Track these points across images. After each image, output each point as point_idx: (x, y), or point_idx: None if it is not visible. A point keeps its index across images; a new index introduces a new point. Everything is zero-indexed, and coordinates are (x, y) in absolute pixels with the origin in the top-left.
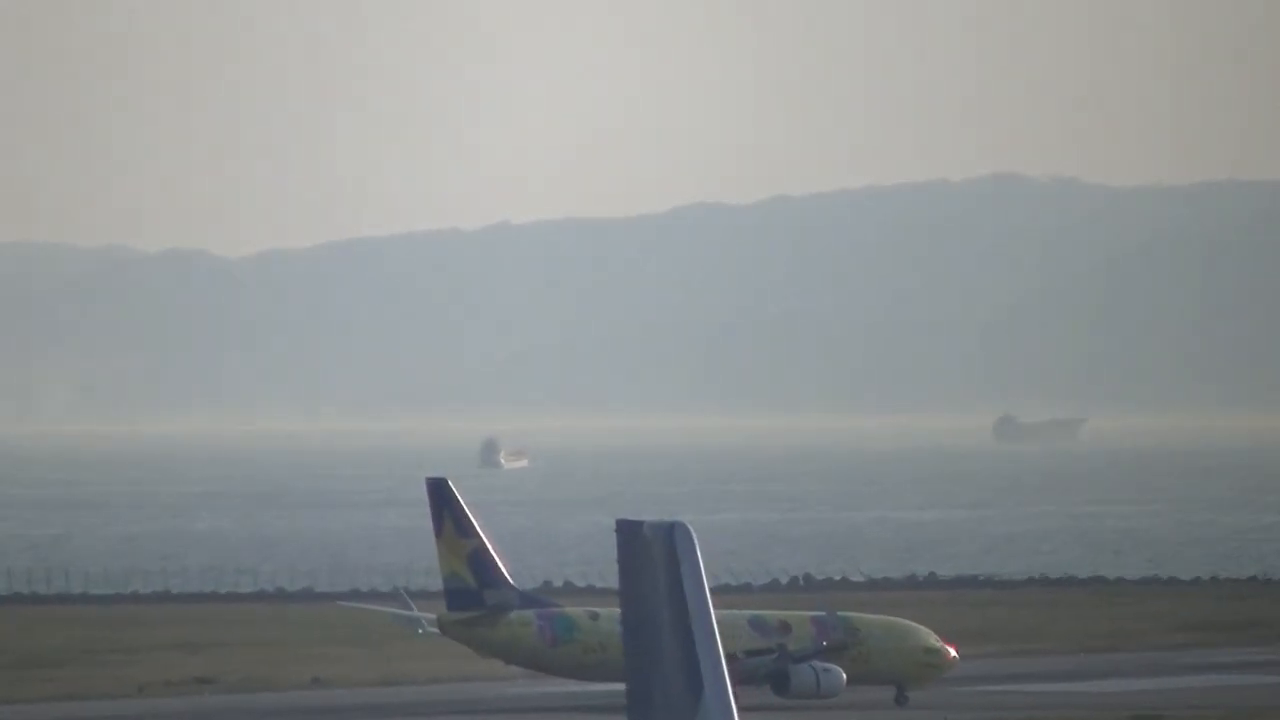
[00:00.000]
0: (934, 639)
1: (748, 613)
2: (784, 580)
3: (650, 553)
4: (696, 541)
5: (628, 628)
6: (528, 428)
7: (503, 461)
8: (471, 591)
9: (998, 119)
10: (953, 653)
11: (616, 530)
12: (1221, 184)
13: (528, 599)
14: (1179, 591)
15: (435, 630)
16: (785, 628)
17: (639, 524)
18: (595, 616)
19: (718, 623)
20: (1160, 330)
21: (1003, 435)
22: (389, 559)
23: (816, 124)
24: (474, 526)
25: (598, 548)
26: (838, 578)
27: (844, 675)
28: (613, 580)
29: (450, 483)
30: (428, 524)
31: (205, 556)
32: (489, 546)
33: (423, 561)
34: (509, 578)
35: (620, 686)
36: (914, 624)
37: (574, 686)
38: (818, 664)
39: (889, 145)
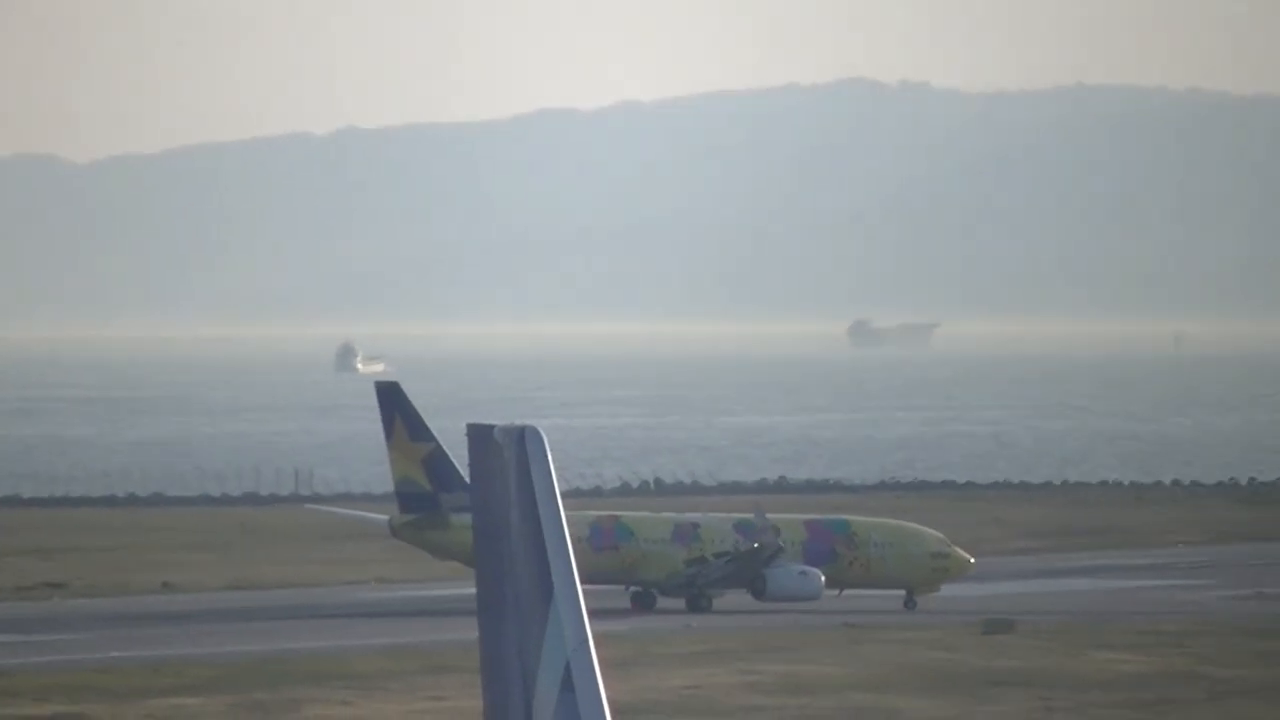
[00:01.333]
0: (943, 544)
1: (735, 516)
2: (635, 484)
3: (501, 456)
4: (547, 445)
5: (478, 532)
6: (385, 333)
7: (359, 366)
8: (426, 495)
9: (849, 24)
10: (966, 557)
11: (468, 434)
12: (1071, 89)
13: None
14: (1030, 496)
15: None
16: (774, 531)
17: (490, 428)
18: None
19: (705, 526)
20: (1011, 236)
21: (857, 340)
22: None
23: (666, 29)
24: (428, 431)
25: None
26: (688, 481)
27: (822, 578)
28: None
29: (401, 386)
30: (272, 427)
31: (58, 462)
32: (444, 451)
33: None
34: (465, 480)
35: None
36: (921, 528)
37: (424, 591)
38: (796, 567)
39: (740, 50)
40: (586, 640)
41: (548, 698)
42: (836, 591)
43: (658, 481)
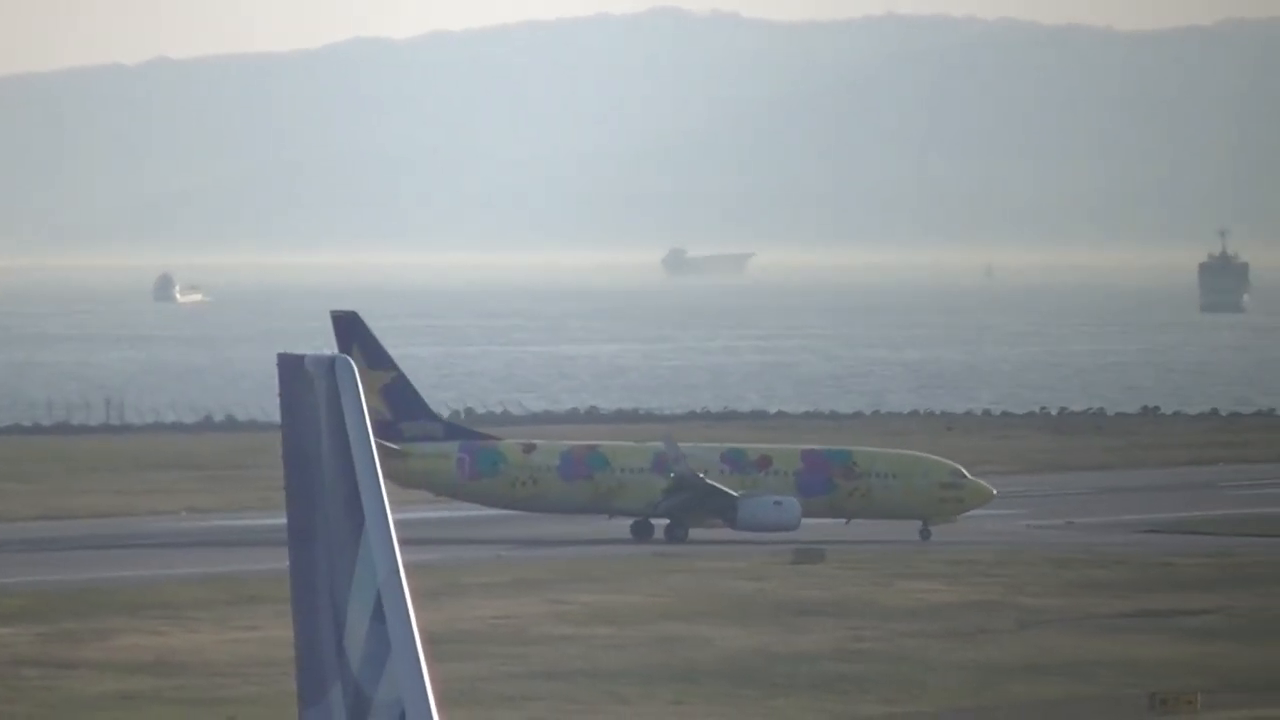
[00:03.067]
0: (956, 475)
1: (724, 446)
2: (445, 413)
3: (312, 387)
4: (358, 375)
5: (289, 462)
6: (204, 263)
7: (178, 296)
8: (386, 424)
9: None
10: (985, 487)
11: (278, 364)
12: (882, 19)
13: (455, 430)
14: (840, 426)
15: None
16: (765, 461)
17: (300, 358)
18: (530, 449)
19: (691, 454)
20: (823, 165)
21: (672, 269)
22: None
23: None
24: (389, 359)
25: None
26: (499, 410)
27: (799, 508)
28: (276, 414)
29: (360, 315)
30: (87, 357)
31: None
32: (406, 379)
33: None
34: (432, 410)
35: (550, 515)
36: (932, 458)
37: (235, 520)
38: (770, 497)
39: None
40: (397, 570)
41: (359, 627)
42: (844, 521)
43: (468, 411)
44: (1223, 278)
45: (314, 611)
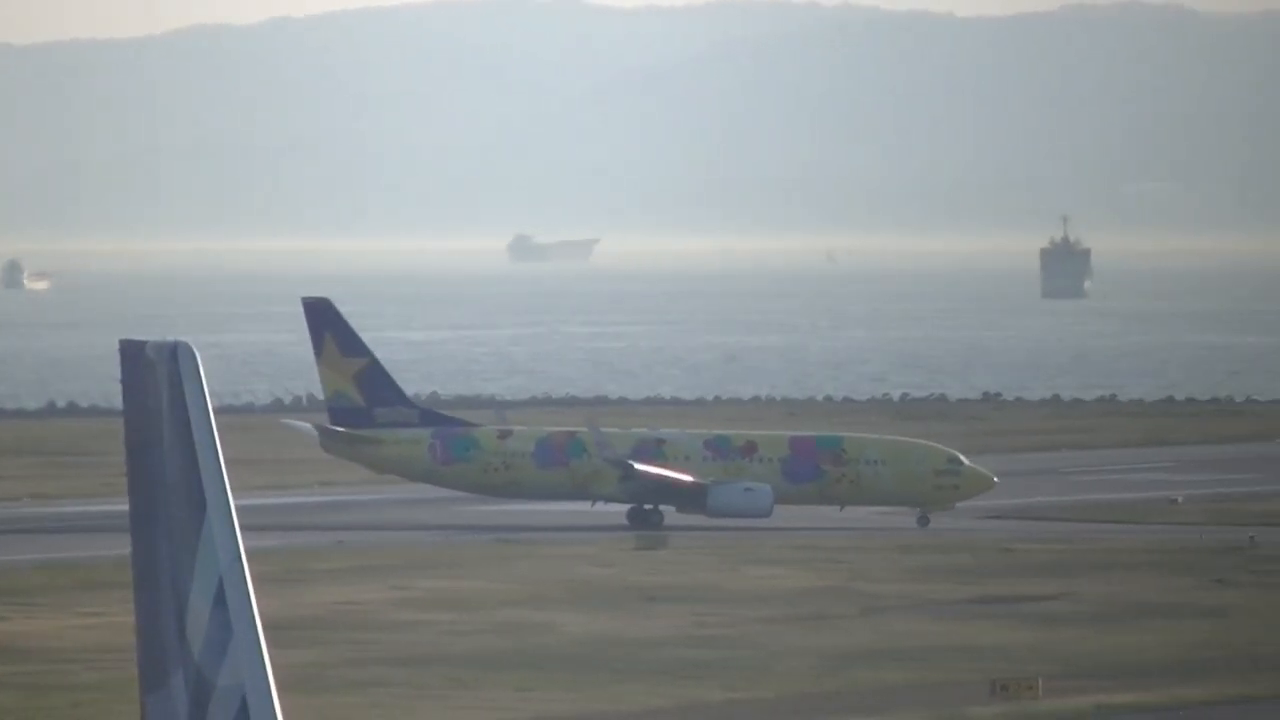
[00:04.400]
0: (953, 461)
1: (708, 432)
2: (287, 400)
3: (154, 373)
4: (200, 361)
5: (130, 449)
6: (51, 250)
7: (25, 283)
8: (359, 410)
9: None
10: (984, 474)
11: (120, 350)
12: (723, 5)
13: (430, 416)
14: (683, 412)
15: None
16: (751, 448)
17: (142, 344)
18: (506, 435)
19: (670, 442)
20: (666, 151)
21: (518, 255)
22: None
23: None
24: (362, 345)
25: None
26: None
27: (770, 495)
28: (120, 400)
29: (333, 302)
30: None
31: None
32: (380, 366)
33: None
34: (405, 395)
35: (529, 505)
36: (929, 445)
37: (79, 506)
38: (741, 483)
39: None
40: (239, 556)
41: (200, 613)
42: (838, 508)
43: (310, 398)
44: (1065, 264)
45: (156, 597)
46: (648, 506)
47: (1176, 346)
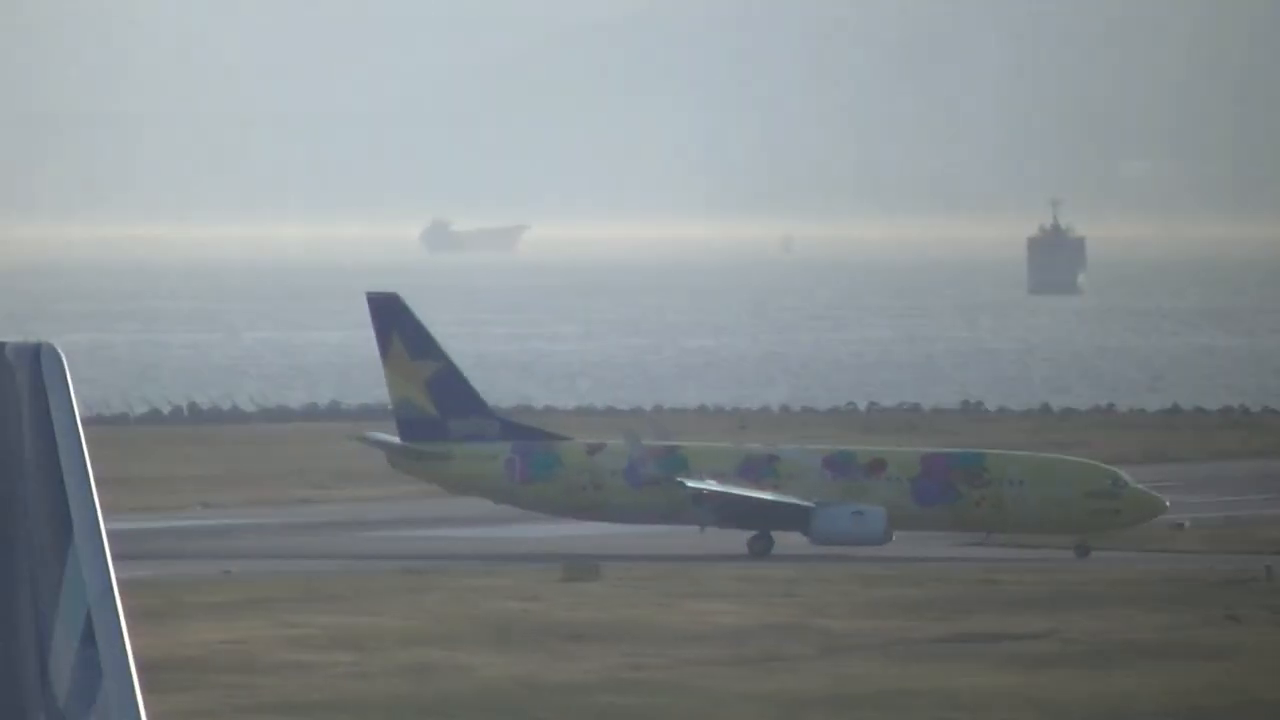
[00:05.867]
0: (1113, 483)
1: (830, 448)
2: (166, 410)
3: (13, 379)
4: (66, 365)
5: None
6: None
7: None
8: (431, 421)
9: None
10: (1153, 498)
11: None
12: None
13: (511, 429)
14: (611, 419)
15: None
16: (879, 466)
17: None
18: (596, 450)
19: (790, 458)
20: (604, 135)
21: (433, 244)
22: None
23: None
24: (435, 346)
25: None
26: (226, 406)
27: (884, 519)
28: None
29: (401, 298)
30: None
31: None
32: (456, 370)
33: None
34: (486, 405)
35: (617, 527)
36: (1084, 461)
37: None
38: (850, 506)
39: None
40: (110, 588)
41: (65, 652)
42: (983, 534)
43: (191, 406)
44: (1055, 254)
45: (14, 634)
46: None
47: (1181, 348)
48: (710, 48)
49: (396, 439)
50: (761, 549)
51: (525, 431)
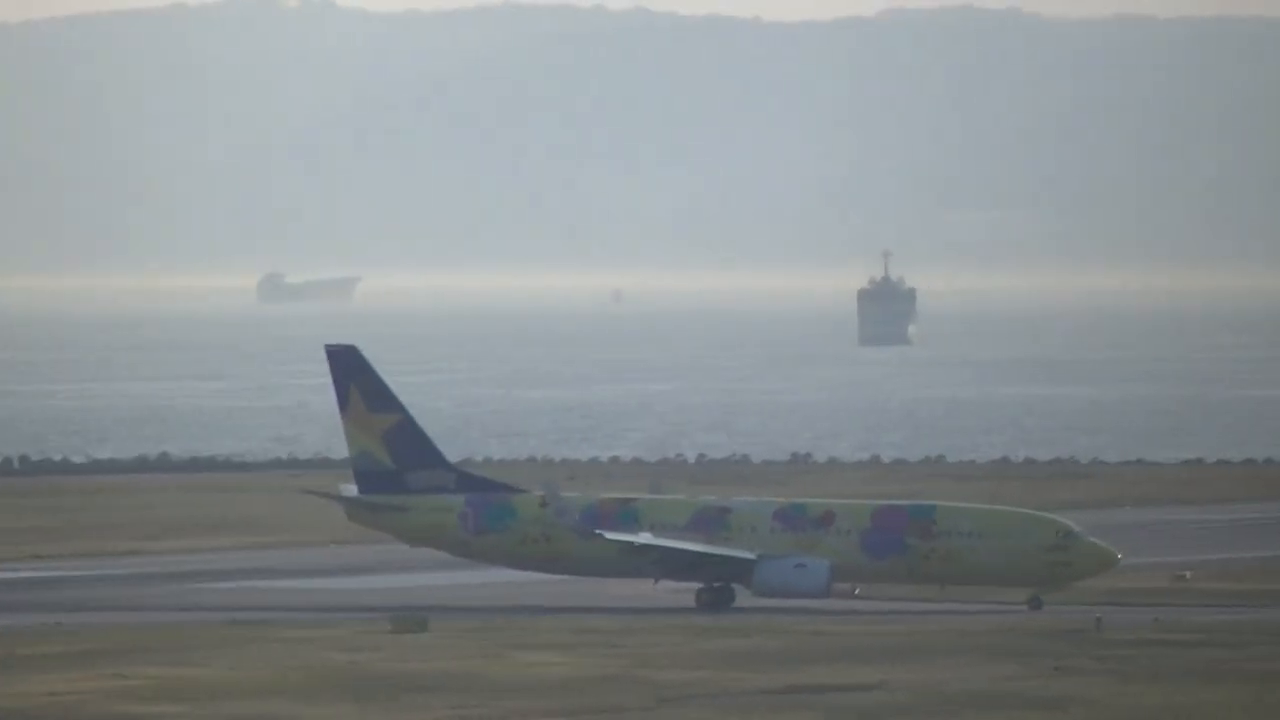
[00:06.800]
0: (1066, 536)
1: (781, 501)
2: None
3: None
4: None
5: None
6: None
7: None
8: (388, 473)
9: None
10: (1105, 550)
11: None
12: (495, 7)
13: (468, 481)
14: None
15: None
16: (829, 518)
17: None
18: (546, 504)
19: (742, 510)
20: (436, 185)
21: (268, 296)
22: None
23: None
24: (393, 399)
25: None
26: (57, 458)
27: (827, 572)
28: None
29: (359, 350)
30: None
31: None
32: (414, 423)
33: None
34: (443, 457)
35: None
36: (1034, 514)
37: None
38: (792, 559)
39: None
40: None
41: None
42: (938, 587)
43: (23, 459)
44: (886, 306)
45: None
46: (717, 584)
47: (1011, 399)
48: (524, 100)
49: (352, 490)
50: (712, 601)
51: (482, 484)
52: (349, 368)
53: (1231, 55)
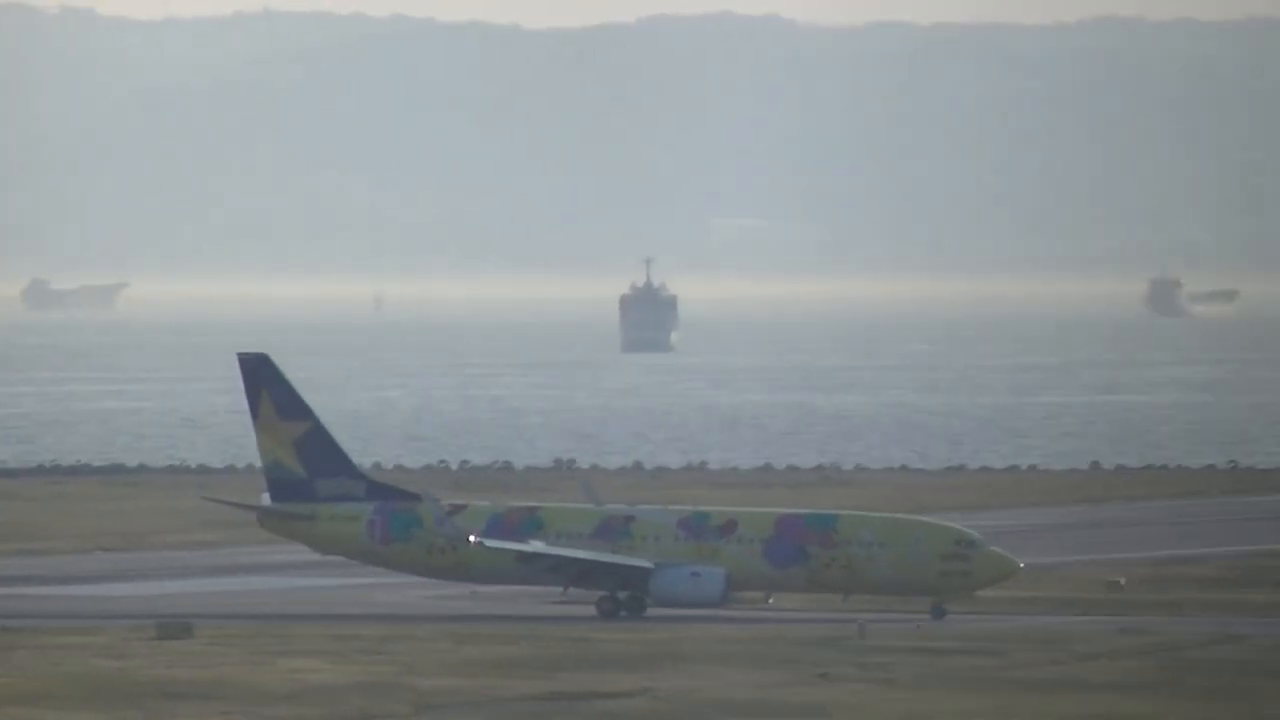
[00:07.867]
0: (965, 545)
1: (687, 509)
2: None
3: None
4: None
5: None
6: None
7: None
8: (300, 481)
9: None
10: (1005, 559)
11: None
12: (260, 12)
13: (378, 490)
14: (205, 479)
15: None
16: (730, 526)
17: None
18: (456, 511)
19: (647, 518)
20: (196, 181)
21: (34, 302)
22: None
23: None
24: (304, 407)
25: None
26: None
27: (723, 581)
28: None
29: (271, 358)
30: None
31: None
32: (324, 430)
33: None
34: (354, 465)
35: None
36: (933, 522)
37: None
38: (688, 568)
39: None
40: None
41: None
42: (841, 596)
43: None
44: (648, 313)
45: None
46: (622, 594)
47: (774, 406)
48: (326, 108)
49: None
50: (615, 610)
51: (392, 492)
52: (260, 375)
53: (972, 63)
